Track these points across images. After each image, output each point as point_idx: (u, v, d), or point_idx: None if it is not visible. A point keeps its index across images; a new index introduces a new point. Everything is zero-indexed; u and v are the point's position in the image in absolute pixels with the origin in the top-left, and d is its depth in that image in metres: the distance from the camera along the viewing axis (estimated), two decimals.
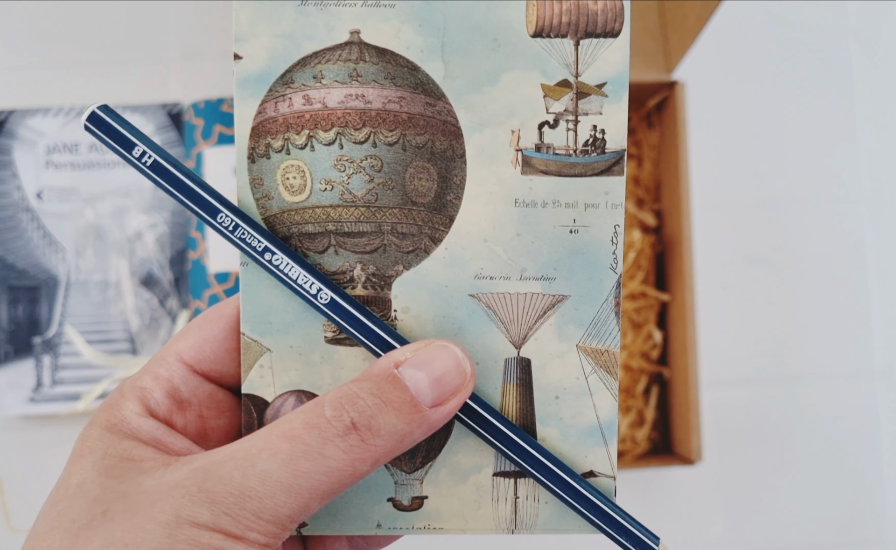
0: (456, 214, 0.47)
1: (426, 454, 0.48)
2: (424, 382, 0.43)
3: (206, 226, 0.99)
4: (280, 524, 0.40)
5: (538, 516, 0.49)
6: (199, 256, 1.01)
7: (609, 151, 0.47)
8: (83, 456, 0.43)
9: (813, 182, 1.10)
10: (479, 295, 0.48)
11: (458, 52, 0.46)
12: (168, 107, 1.06)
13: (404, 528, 0.49)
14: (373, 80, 0.46)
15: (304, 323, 0.47)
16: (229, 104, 1.01)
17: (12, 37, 1.11)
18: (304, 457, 0.40)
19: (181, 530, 0.38)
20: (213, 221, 0.46)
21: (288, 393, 0.48)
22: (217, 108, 1.01)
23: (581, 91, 0.46)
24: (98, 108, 0.45)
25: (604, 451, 0.49)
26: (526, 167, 0.47)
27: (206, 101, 1.01)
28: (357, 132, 0.46)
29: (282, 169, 0.47)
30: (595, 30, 0.46)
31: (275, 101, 0.46)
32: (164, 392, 0.46)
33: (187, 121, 1.04)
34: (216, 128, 1.01)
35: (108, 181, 1.06)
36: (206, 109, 1.01)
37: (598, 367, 0.48)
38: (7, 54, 1.11)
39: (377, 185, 0.47)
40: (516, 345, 0.48)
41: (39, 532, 0.40)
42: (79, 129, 1.06)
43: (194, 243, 1.02)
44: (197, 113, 1.02)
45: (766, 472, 1.07)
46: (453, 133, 0.47)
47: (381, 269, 0.47)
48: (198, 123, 1.02)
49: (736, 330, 1.08)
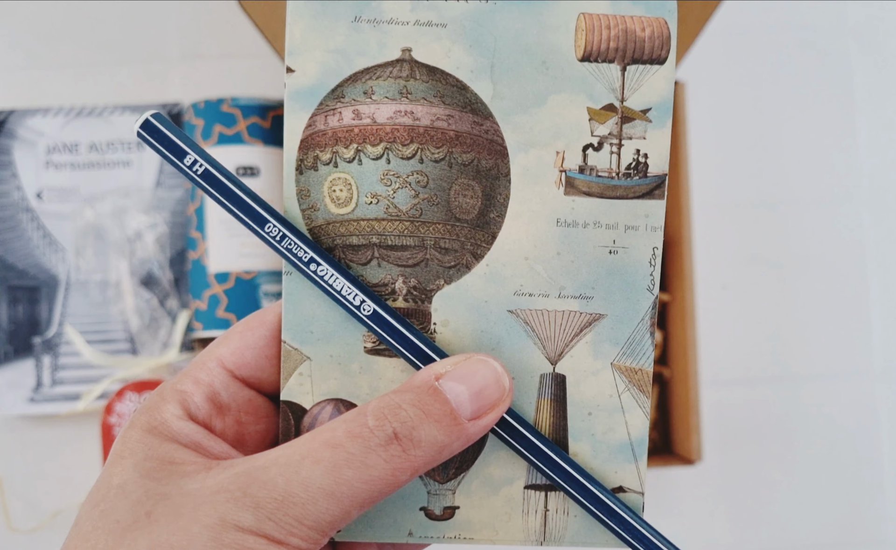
0: (498, 232, 0.48)
1: (459, 465, 0.49)
2: (464, 395, 0.44)
3: (206, 227, 0.99)
4: (321, 530, 0.40)
5: (567, 529, 0.49)
6: (199, 256, 1.01)
7: (651, 175, 0.48)
8: (124, 457, 0.43)
9: (813, 182, 1.11)
10: (518, 311, 0.48)
11: (507, 74, 0.47)
12: (168, 107, 1.06)
13: (435, 537, 0.50)
14: (422, 97, 0.47)
15: (344, 332, 0.48)
16: (229, 104, 1.01)
17: (12, 37, 1.11)
18: (346, 465, 0.40)
19: (226, 533, 0.39)
20: (260, 231, 0.46)
21: (326, 402, 0.48)
22: (217, 109, 1.01)
23: (626, 115, 0.47)
24: (151, 116, 0.46)
25: (634, 467, 0.49)
26: (569, 188, 0.48)
27: (206, 101, 1.01)
28: (405, 148, 0.47)
29: (329, 181, 0.47)
30: (642, 56, 0.47)
31: (325, 115, 0.47)
32: (205, 396, 0.46)
33: (187, 121, 1.03)
34: (216, 129, 1.01)
35: (108, 181, 1.05)
36: (206, 109, 1.01)
37: (631, 385, 0.49)
38: (7, 54, 1.11)
39: (422, 200, 0.47)
40: (552, 362, 0.49)
41: (83, 532, 0.41)
42: (79, 129, 1.05)
43: (194, 243, 1.02)
44: (197, 113, 1.02)
45: (766, 472, 1.08)
46: (499, 152, 0.47)
47: (422, 283, 0.48)
48: (198, 123, 1.02)
49: (736, 330, 1.09)
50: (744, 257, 1.10)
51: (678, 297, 1.02)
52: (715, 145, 1.10)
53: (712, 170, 1.09)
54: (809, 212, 1.11)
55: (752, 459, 1.08)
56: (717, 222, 1.09)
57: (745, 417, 1.08)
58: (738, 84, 1.12)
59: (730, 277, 1.10)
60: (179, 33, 1.11)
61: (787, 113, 1.12)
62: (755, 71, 1.12)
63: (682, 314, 1.00)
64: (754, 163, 1.11)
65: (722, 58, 1.11)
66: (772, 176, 1.11)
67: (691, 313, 0.99)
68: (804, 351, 1.09)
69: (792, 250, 1.10)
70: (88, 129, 1.06)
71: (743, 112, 1.12)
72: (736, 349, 1.09)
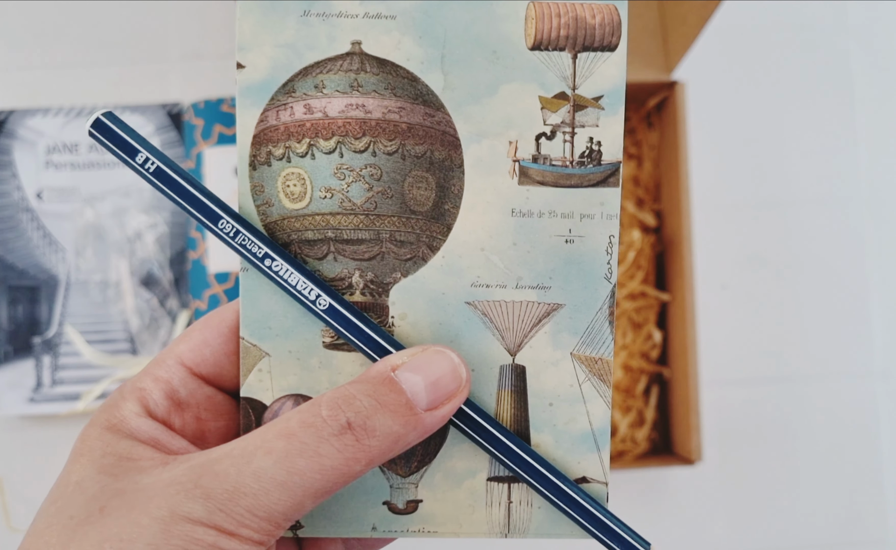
0: (453, 223, 0.48)
1: (421, 458, 0.49)
2: (420, 386, 0.44)
3: None
4: (274, 521, 0.40)
5: (531, 521, 0.49)
6: (199, 256, 1.01)
7: (605, 163, 0.48)
8: (82, 454, 0.43)
9: (813, 182, 1.11)
10: (476, 302, 0.48)
11: (457, 64, 0.47)
12: (168, 107, 1.07)
13: (399, 531, 0.50)
14: (373, 90, 0.47)
15: (302, 328, 0.48)
16: (229, 104, 1.01)
17: (12, 37, 1.12)
18: (299, 455, 0.40)
19: (176, 525, 0.39)
20: (214, 227, 0.46)
21: (286, 397, 0.48)
22: (217, 108, 1.01)
23: (578, 103, 0.47)
24: (103, 115, 0.46)
25: (596, 457, 0.49)
26: (523, 177, 0.47)
27: (206, 101, 1.02)
28: (357, 141, 0.47)
29: (282, 176, 0.47)
30: (593, 44, 0.47)
31: (276, 110, 0.47)
32: (163, 393, 0.47)
33: (187, 121, 1.04)
34: (216, 128, 1.01)
35: (108, 181, 1.06)
36: (206, 109, 1.02)
37: (591, 375, 0.49)
38: (7, 54, 1.11)
39: (376, 194, 0.47)
40: (511, 353, 0.49)
41: (37, 529, 0.41)
42: (79, 129, 1.06)
43: (194, 243, 1.02)
44: (197, 113, 1.02)
45: (766, 472, 1.08)
46: (452, 143, 0.47)
47: (379, 276, 0.48)
48: (197, 123, 1.02)
49: (736, 330, 1.09)
50: (744, 257, 1.09)
51: (678, 297, 1.02)
52: (715, 145, 1.10)
53: (712, 170, 1.09)
54: (809, 212, 1.10)
55: (751, 459, 1.08)
56: (717, 222, 1.09)
57: (745, 417, 1.08)
58: (737, 84, 1.12)
59: (730, 277, 1.09)
60: (179, 33, 1.12)
61: (786, 113, 1.11)
62: (755, 71, 1.12)
63: (682, 314, 1.00)
64: (754, 164, 1.10)
65: (722, 58, 1.11)
66: (771, 176, 1.10)
67: (691, 313, 0.98)
68: (804, 352, 1.09)
69: (792, 250, 1.09)
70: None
71: (743, 112, 1.11)
72: (736, 349, 1.08)
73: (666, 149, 1.06)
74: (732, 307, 1.09)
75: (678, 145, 1.00)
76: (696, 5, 0.92)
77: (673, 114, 1.02)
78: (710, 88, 1.09)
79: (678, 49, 1.00)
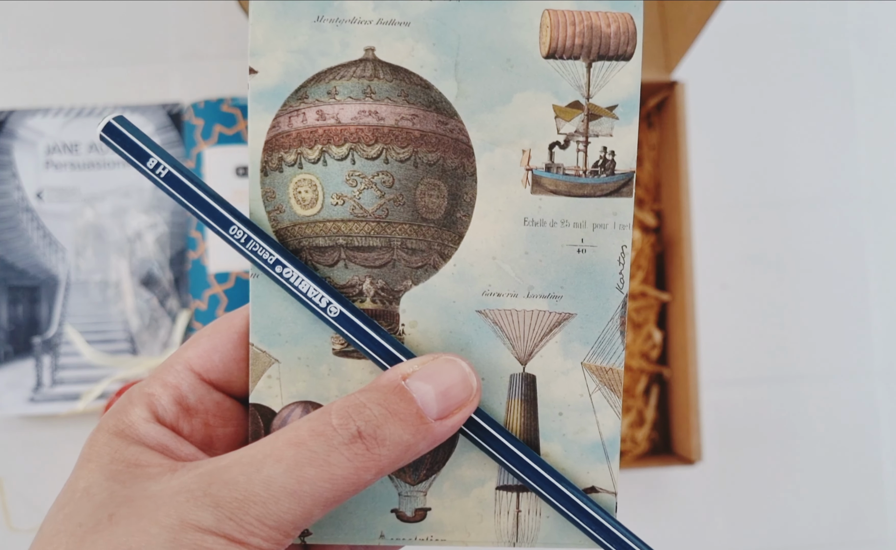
0: (465, 231, 0.47)
1: (430, 466, 0.49)
2: (430, 395, 0.44)
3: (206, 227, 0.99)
4: (283, 530, 0.40)
5: (539, 530, 0.49)
6: (199, 256, 1.01)
7: (618, 172, 0.47)
8: (90, 460, 0.43)
9: (813, 182, 1.11)
10: (487, 311, 0.48)
11: (471, 72, 0.47)
12: (168, 107, 1.06)
13: (407, 539, 0.49)
14: (386, 97, 0.46)
15: (312, 335, 0.48)
16: (229, 104, 1.01)
17: (12, 37, 1.11)
18: (309, 464, 0.40)
19: (185, 534, 0.38)
20: (225, 233, 0.46)
21: (295, 404, 0.48)
22: (217, 108, 1.01)
23: (592, 112, 0.47)
24: (114, 119, 0.46)
25: (606, 467, 0.49)
26: (536, 186, 0.47)
27: (206, 101, 1.01)
28: (369, 148, 0.46)
29: (294, 182, 0.47)
30: (608, 53, 0.47)
31: (289, 116, 0.47)
32: (172, 398, 0.46)
33: (187, 121, 1.04)
34: (216, 128, 1.01)
35: (108, 181, 1.06)
36: (206, 109, 1.01)
37: (602, 385, 0.49)
38: (7, 54, 1.11)
39: (388, 201, 0.47)
40: (522, 362, 0.48)
41: (45, 535, 0.40)
42: (79, 129, 1.06)
43: (194, 243, 1.02)
44: (197, 113, 1.02)
45: (766, 472, 1.08)
46: (465, 151, 0.47)
47: (389, 284, 0.48)
48: (198, 123, 1.02)
49: (736, 330, 1.09)
50: (744, 257, 1.09)
51: (678, 297, 1.02)
52: (715, 145, 1.10)
53: (712, 170, 1.09)
54: (809, 212, 1.10)
55: (751, 459, 1.08)
56: (717, 222, 1.09)
57: (745, 417, 1.08)
58: (737, 84, 1.12)
59: (730, 277, 1.09)
60: (179, 33, 1.12)
61: (786, 113, 1.11)
62: (755, 71, 1.12)
63: (682, 314, 1.00)
64: (754, 163, 1.10)
65: (722, 58, 1.11)
66: (771, 176, 1.10)
67: (691, 313, 0.98)
68: (804, 351, 1.09)
69: (792, 250, 1.10)
70: (88, 129, 1.06)
71: (742, 112, 1.11)
72: (736, 349, 1.09)
73: (666, 149, 1.06)
74: (732, 307, 1.09)
75: (678, 145, 1.00)
76: (696, 5, 0.92)
77: (673, 114, 1.02)
78: (710, 88, 1.09)
79: (678, 49, 1.00)
